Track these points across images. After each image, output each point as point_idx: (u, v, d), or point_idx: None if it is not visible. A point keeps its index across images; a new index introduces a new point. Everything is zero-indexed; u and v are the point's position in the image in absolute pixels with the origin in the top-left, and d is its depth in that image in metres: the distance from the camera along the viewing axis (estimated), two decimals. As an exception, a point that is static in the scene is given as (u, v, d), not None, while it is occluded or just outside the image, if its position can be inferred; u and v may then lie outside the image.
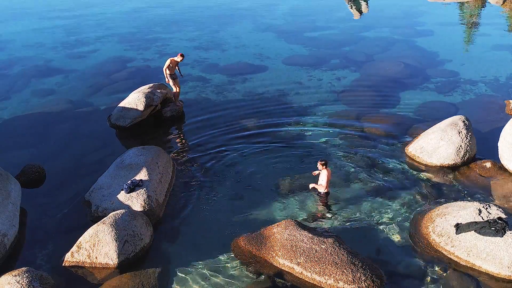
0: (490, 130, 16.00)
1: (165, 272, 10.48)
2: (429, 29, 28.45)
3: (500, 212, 10.90)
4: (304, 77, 21.03)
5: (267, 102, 18.60)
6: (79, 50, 25.18)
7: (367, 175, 13.78)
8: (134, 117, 16.29)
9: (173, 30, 28.78)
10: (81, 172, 14.23)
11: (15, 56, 24.32)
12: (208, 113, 17.81)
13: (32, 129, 16.73)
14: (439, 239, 10.94)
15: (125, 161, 13.30)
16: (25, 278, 9.62)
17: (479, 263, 10.30)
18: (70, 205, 12.74)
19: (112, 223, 10.74)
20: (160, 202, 12.38)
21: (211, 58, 23.79)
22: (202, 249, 11.14)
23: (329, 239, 10.45)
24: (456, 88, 19.70)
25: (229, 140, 15.79)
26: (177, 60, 16.90)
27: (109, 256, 10.46)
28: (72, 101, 18.92)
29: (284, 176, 13.71)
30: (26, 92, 19.91)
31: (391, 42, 25.99)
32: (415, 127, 16.35)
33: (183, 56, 16.96)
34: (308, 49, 25.01)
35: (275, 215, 12.26)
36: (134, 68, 22.51)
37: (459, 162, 14.04)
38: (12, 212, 11.54)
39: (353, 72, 21.67)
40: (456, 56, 23.76)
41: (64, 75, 21.65)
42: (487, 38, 26.67)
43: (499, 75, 20.90)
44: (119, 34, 28.01)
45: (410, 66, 22.15)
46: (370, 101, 18.50)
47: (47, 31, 28.89)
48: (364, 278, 9.70)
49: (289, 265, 10.19)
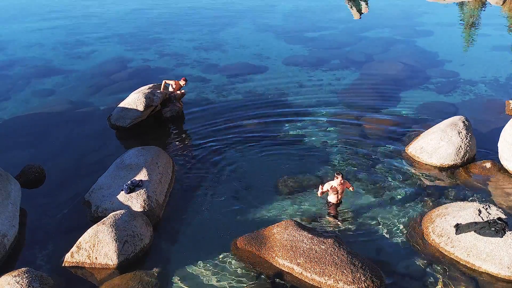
0: (490, 131, 15.99)
1: (165, 272, 10.49)
2: (429, 29, 28.44)
3: (500, 212, 10.91)
4: (304, 77, 21.02)
5: (267, 103, 18.59)
6: (79, 51, 25.17)
7: (367, 175, 13.78)
8: (134, 117, 16.29)
9: (173, 31, 28.76)
10: (81, 172, 14.23)
11: (16, 57, 24.30)
12: (208, 113, 17.81)
13: (32, 130, 16.72)
14: (439, 240, 10.94)
15: (125, 161, 13.30)
16: (25, 278, 9.62)
17: (479, 263, 10.31)
18: (70, 205, 12.74)
19: (112, 223, 10.74)
20: (160, 203, 12.38)
21: (211, 58, 23.78)
22: (202, 249, 11.14)
23: (329, 240, 10.45)
24: (456, 89, 19.71)
25: (229, 140, 15.79)
26: (181, 84, 17.44)
27: (109, 257, 10.46)
28: (72, 102, 18.91)
29: (284, 177, 13.71)
30: (26, 93, 19.90)
31: (391, 42, 25.98)
32: (415, 127, 16.36)
33: (186, 81, 17.54)
34: (308, 49, 25.00)
35: (274, 215, 12.26)
36: (134, 69, 22.51)
37: (459, 163, 14.04)
38: (12, 213, 11.54)
39: (353, 73, 21.67)
40: (456, 56, 23.76)
41: (64, 76, 21.64)
42: (487, 38, 26.67)
43: (499, 76, 20.90)
44: (119, 35, 27.99)
45: (410, 67, 22.14)
46: (370, 102, 18.49)
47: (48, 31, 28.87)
48: (364, 278, 9.70)
49: (289, 266, 10.19)
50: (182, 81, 17.36)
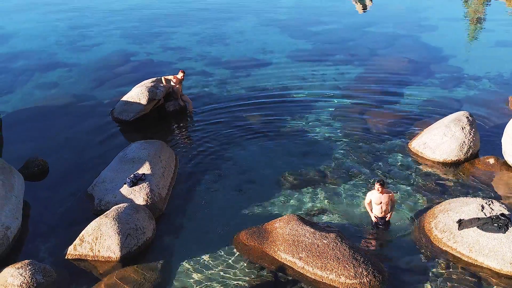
0: (494, 126, 15.94)
1: (167, 265, 10.52)
2: (433, 24, 28.29)
3: (503, 208, 10.88)
4: (308, 72, 20.97)
5: (270, 97, 18.57)
6: (83, 44, 25.16)
7: (369, 170, 13.76)
8: (137, 111, 16.29)
9: (176, 24, 28.71)
10: (84, 165, 14.25)
11: (19, 50, 24.30)
12: (211, 107, 17.80)
13: (35, 123, 16.74)
14: (441, 235, 10.93)
15: (128, 155, 13.31)
16: (28, 270, 9.67)
17: (482, 259, 10.29)
18: (73, 198, 12.78)
19: (114, 216, 10.77)
20: (162, 196, 12.39)
21: (214, 53, 23.73)
22: (205, 243, 11.16)
23: (331, 234, 10.45)
24: (460, 84, 19.62)
25: (232, 135, 15.80)
26: (179, 77, 17.17)
27: (112, 250, 10.49)
28: (75, 95, 18.92)
29: (286, 171, 13.71)
30: (29, 86, 19.91)
31: (395, 37, 25.87)
32: (418, 122, 16.31)
33: (184, 72, 17.24)
34: (312, 44, 24.92)
35: (277, 209, 12.27)
36: (138, 62, 22.49)
37: (462, 158, 14.00)
38: (16, 205, 11.58)
39: (357, 67, 21.59)
40: (460, 51, 23.64)
41: (67, 69, 21.64)
42: (492, 34, 26.52)
43: (503, 71, 20.79)
44: (122, 28, 27.96)
45: (414, 62, 22.05)
46: (374, 97, 18.44)
47: (51, 24, 28.86)
48: (365, 273, 9.71)
49: (291, 260, 10.20)
50: (180, 73, 17.14)
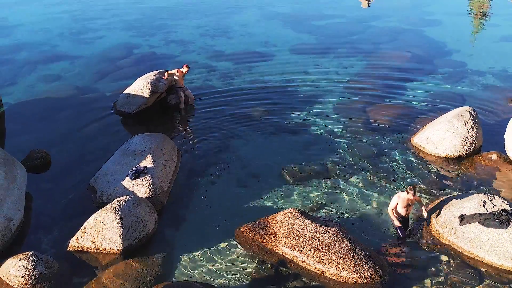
0: (497, 122, 15.90)
1: (169, 258, 10.56)
2: (437, 19, 28.14)
3: (504, 204, 10.86)
4: (311, 66, 20.91)
5: (273, 90, 18.54)
6: (86, 36, 25.13)
7: (372, 165, 13.75)
8: (139, 104, 16.28)
9: (179, 17, 28.64)
10: (86, 158, 14.28)
11: (22, 42, 24.29)
12: (213, 100, 17.78)
13: (38, 115, 16.75)
14: (442, 230, 10.94)
15: (130, 147, 13.32)
16: (30, 262, 9.72)
17: (483, 254, 10.30)
18: (75, 190, 12.81)
19: (116, 209, 10.79)
20: (164, 189, 12.41)
21: (217, 46, 23.67)
22: (206, 236, 11.19)
23: (332, 228, 10.46)
24: (463, 79, 19.55)
25: (234, 128, 15.79)
26: (183, 71, 16.96)
27: (113, 242, 10.52)
28: (78, 87, 18.92)
29: (288, 165, 13.71)
30: (32, 78, 19.92)
31: (399, 31, 25.76)
32: (421, 117, 16.27)
33: (188, 67, 17.05)
34: (315, 38, 24.83)
35: (279, 203, 12.29)
36: (140, 55, 22.46)
37: (464, 154, 13.97)
38: (18, 197, 11.61)
39: (360, 62, 21.53)
40: (464, 46, 23.53)
41: (70, 61, 21.63)
42: (496, 28, 26.39)
43: (507, 66, 20.70)
44: (125, 21, 27.89)
45: (418, 56, 21.97)
46: (377, 91, 18.39)
47: (54, 16, 28.81)
48: (366, 267, 9.72)
49: (292, 254, 10.22)
50: (184, 67, 16.99)
